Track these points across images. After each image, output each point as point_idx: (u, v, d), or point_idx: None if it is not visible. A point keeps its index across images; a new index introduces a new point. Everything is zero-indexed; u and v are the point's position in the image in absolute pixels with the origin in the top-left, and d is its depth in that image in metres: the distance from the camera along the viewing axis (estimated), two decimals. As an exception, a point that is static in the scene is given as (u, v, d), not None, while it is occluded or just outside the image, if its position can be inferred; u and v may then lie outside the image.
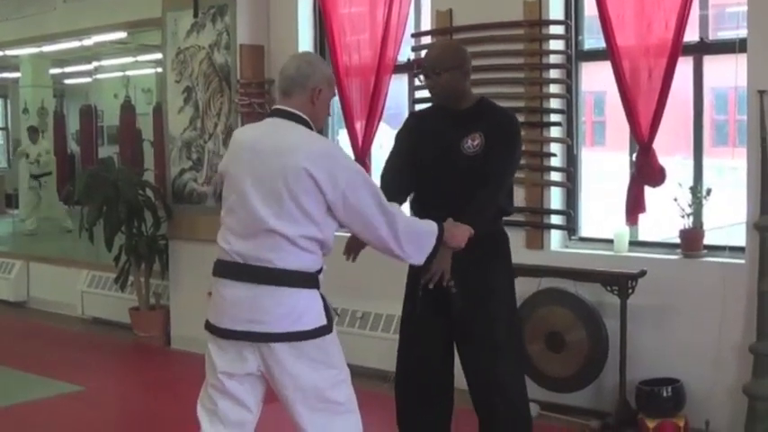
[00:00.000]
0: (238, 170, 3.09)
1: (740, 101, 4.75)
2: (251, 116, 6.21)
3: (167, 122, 6.86)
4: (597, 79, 5.55)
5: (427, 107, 4.01)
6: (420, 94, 5.56)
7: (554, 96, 5.24)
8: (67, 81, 10.43)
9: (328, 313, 3.08)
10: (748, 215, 4.56)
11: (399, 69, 5.91)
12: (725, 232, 5.20)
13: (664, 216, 5.03)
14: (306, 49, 6.16)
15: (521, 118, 4.88)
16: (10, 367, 6.34)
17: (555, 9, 5.19)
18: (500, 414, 3.63)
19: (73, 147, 9.76)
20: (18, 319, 8.24)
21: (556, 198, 5.28)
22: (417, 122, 3.85)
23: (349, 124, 5.94)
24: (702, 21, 4.83)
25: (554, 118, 5.24)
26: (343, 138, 6.22)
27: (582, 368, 4.85)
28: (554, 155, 5.24)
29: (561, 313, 4.91)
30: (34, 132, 9.92)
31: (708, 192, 4.82)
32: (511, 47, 5.30)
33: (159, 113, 7.22)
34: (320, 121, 3.22)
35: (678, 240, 4.89)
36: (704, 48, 4.82)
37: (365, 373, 5.19)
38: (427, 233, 3.21)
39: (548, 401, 4.98)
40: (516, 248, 3.90)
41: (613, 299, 4.74)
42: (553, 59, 5.24)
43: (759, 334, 4.45)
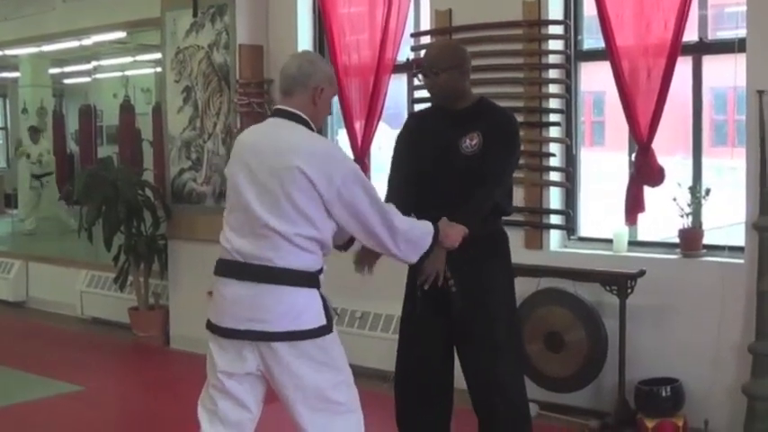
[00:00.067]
0: (238, 170, 3.11)
1: (739, 101, 4.75)
2: (250, 116, 6.22)
3: (166, 122, 6.86)
4: (596, 79, 5.56)
5: (427, 107, 4.01)
6: (419, 94, 5.55)
7: (553, 96, 5.24)
8: (67, 81, 10.41)
9: (328, 313, 3.08)
10: (747, 215, 4.56)
11: (399, 69, 5.91)
12: (724, 232, 5.20)
13: (663, 216, 5.03)
14: (305, 49, 6.16)
15: (520, 118, 4.88)
16: (9, 367, 6.34)
17: (554, 9, 5.19)
18: (500, 414, 3.63)
19: (72, 146, 9.74)
20: (17, 319, 8.23)
21: (555, 198, 5.28)
22: (417, 123, 3.85)
23: (348, 124, 5.94)
24: (701, 21, 4.83)
25: (553, 118, 5.24)
26: (342, 138, 6.21)
27: (581, 368, 4.85)
28: (553, 155, 5.24)
29: (560, 313, 4.91)
30: (35, 132, 9.90)
31: (707, 192, 4.82)
32: (510, 47, 5.30)
33: (158, 113, 7.21)
34: (320, 121, 3.23)
35: (677, 240, 4.89)
36: (703, 48, 4.82)
37: (364, 373, 5.16)
38: (423, 232, 3.21)
39: (547, 401, 4.98)
40: (515, 248, 3.90)
41: (612, 299, 4.74)
42: (552, 59, 5.24)
43: (758, 334, 4.45)
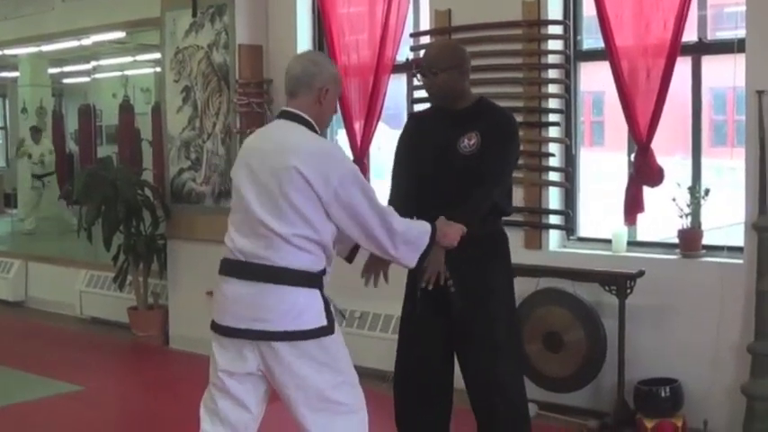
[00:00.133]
0: (241, 171, 3.13)
1: (739, 101, 4.75)
2: (249, 116, 6.22)
3: (166, 122, 6.86)
4: (596, 79, 5.55)
5: (426, 108, 4.01)
6: (419, 94, 5.55)
7: (552, 96, 5.24)
8: (66, 80, 10.41)
9: (329, 314, 3.08)
10: (746, 215, 4.56)
11: (398, 69, 5.90)
12: (723, 232, 5.19)
13: (662, 216, 5.03)
14: (305, 49, 6.16)
15: (519, 118, 4.88)
16: (9, 367, 6.34)
17: (553, 9, 5.19)
18: (500, 414, 3.63)
19: (72, 146, 9.74)
20: (16, 319, 8.23)
21: (554, 198, 5.28)
22: (416, 124, 3.85)
23: (348, 124, 5.94)
24: (701, 21, 4.83)
25: (552, 118, 5.23)
26: (341, 138, 6.21)
27: (580, 368, 4.85)
28: (552, 155, 5.24)
29: (559, 313, 4.91)
30: (37, 132, 9.90)
31: (706, 192, 4.82)
32: (509, 47, 5.30)
33: (158, 113, 7.21)
34: (326, 120, 3.23)
35: (676, 240, 4.89)
36: (703, 48, 4.82)
37: (364, 373, 5.06)
38: (420, 231, 3.21)
39: (546, 401, 4.98)
40: (515, 248, 3.90)
41: (612, 299, 4.74)
42: (552, 59, 5.24)
43: (757, 334, 4.45)
